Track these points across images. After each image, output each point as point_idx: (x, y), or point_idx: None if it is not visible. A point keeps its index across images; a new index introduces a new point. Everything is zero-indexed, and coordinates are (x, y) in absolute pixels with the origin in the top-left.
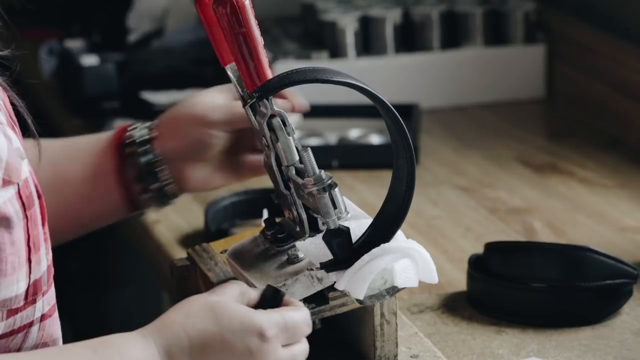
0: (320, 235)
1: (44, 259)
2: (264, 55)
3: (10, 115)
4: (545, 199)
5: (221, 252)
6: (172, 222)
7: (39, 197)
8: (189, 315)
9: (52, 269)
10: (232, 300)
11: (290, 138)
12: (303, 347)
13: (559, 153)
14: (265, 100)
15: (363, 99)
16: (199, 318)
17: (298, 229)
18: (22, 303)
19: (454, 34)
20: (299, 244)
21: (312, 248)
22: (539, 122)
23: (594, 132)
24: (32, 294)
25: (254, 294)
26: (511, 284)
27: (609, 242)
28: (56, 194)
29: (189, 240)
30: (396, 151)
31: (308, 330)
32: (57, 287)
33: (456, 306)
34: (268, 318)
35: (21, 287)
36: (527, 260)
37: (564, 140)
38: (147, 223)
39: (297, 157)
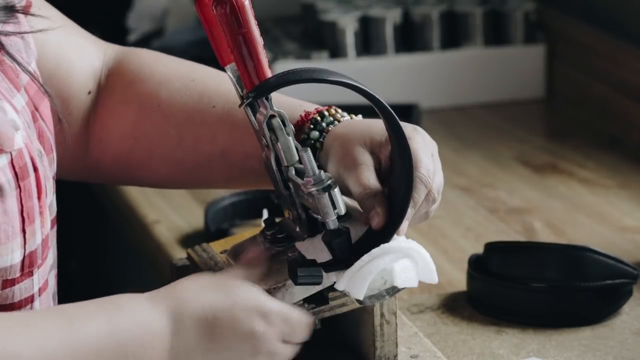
0: (320, 235)
1: (39, 232)
2: (263, 56)
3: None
4: (545, 199)
5: (221, 252)
6: (172, 222)
7: (35, 170)
8: (204, 288)
9: (48, 243)
10: (247, 281)
11: (290, 138)
12: (294, 349)
13: (559, 153)
14: (265, 100)
15: (360, 99)
16: (213, 292)
17: (298, 229)
18: (18, 274)
19: (454, 34)
20: (298, 244)
21: (311, 248)
22: (539, 122)
23: (594, 132)
24: (28, 266)
25: (271, 280)
26: (511, 284)
27: (609, 242)
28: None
29: (189, 240)
30: (393, 151)
31: (304, 335)
32: (57, 286)
33: (456, 306)
34: (277, 305)
35: (16, 257)
36: (527, 260)
37: (564, 140)
38: (147, 223)
39: (296, 158)
